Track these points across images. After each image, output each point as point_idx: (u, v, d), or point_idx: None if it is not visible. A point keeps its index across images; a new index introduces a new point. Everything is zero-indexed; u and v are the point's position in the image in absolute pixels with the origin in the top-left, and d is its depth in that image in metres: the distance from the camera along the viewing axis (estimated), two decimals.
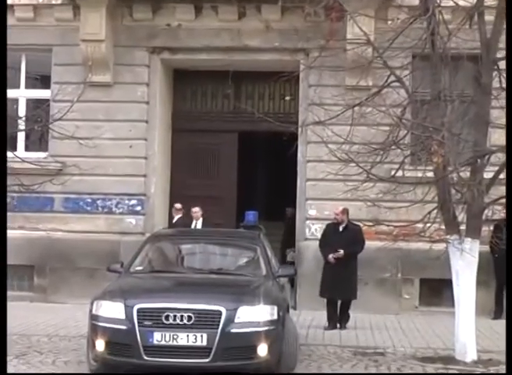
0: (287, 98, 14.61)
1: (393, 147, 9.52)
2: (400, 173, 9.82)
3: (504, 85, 9.21)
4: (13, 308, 9.89)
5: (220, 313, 7.89)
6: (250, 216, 14.11)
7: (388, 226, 9.84)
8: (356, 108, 9.72)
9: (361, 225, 11.28)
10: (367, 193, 10.07)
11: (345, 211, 11.84)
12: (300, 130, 11.26)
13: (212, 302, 8.00)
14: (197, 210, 13.22)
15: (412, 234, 9.79)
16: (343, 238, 11.68)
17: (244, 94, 14.77)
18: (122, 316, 7.96)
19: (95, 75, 13.57)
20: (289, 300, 9.80)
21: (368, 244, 11.87)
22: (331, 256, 11.55)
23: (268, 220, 15.34)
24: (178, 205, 13.56)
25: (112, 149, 13.74)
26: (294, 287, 13.40)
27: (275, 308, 8.13)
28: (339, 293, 11.71)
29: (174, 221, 13.51)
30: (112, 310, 8.05)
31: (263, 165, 18.68)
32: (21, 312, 11.66)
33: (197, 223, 13.19)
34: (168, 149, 14.65)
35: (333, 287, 11.61)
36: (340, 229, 11.82)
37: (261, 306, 8.04)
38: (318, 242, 12.10)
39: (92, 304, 8.28)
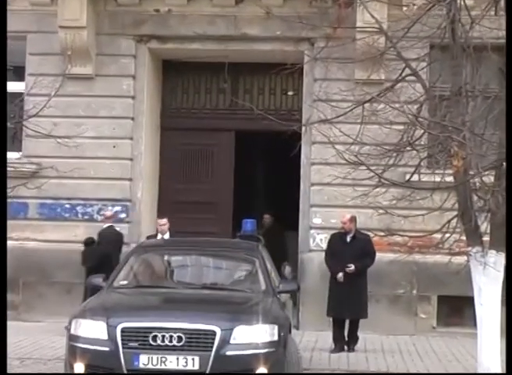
0: (290, 93, 14.63)
1: (408, 148, 9.52)
2: (415, 178, 9.80)
3: None
4: None
5: (214, 333, 7.88)
6: (248, 224, 14.06)
7: (402, 236, 9.84)
8: (366, 105, 9.72)
9: (372, 235, 11.26)
10: (378, 199, 10.06)
11: (353, 219, 11.82)
12: (303, 128, 11.26)
13: (205, 321, 7.98)
14: (164, 222, 12.60)
15: (429, 246, 9.79)
16: (352, 250, 11.64)
17: (242, 89, 14.78)
18: (105, 337, 7.96)
19: (75, 66, 13.58)
20: (291, 319, 9.78)
21: (380, 256, 11.87)
22: (341, 275, 11.48)
23: None
24: (108, 213, 13.36)
25: (94, 149, 13.73)
26: (297, 305, 13.38)
27: (276, 327, 8.12)
28: (347, 311, 11.66)
29: (100, 231, 13.10)
30: (93, 330, 8.03)
31: (262, 167, 18.67)
32: None
33: (164, 238, 12.52)
34: (156, 150, 14.65)
35: (340, 305, 11.59)
36: (348, 239, 11.79)
37: (260, 326, 8.04)
38: (323, 254, 12.08)
39: (70, 323, 8.26)
